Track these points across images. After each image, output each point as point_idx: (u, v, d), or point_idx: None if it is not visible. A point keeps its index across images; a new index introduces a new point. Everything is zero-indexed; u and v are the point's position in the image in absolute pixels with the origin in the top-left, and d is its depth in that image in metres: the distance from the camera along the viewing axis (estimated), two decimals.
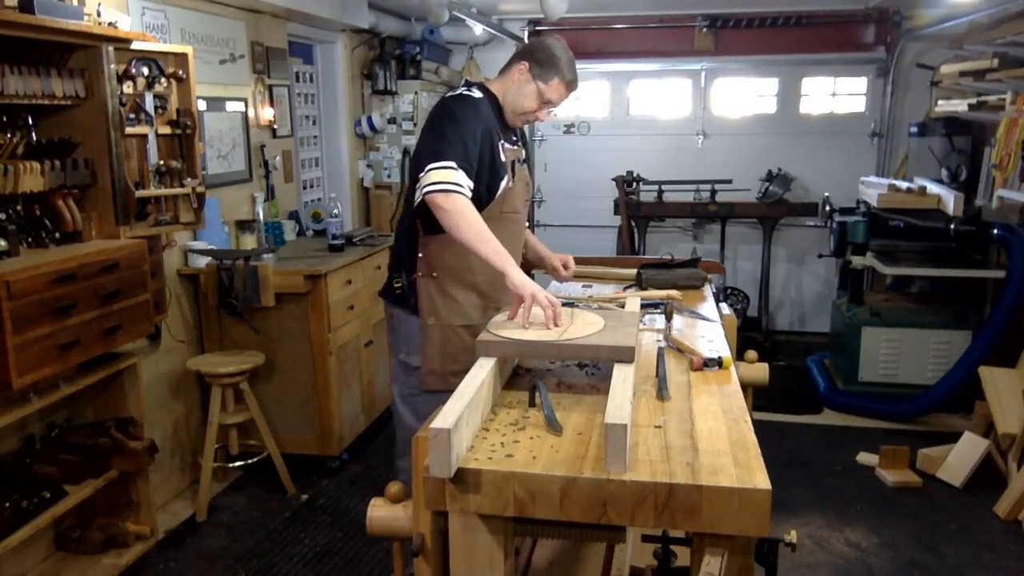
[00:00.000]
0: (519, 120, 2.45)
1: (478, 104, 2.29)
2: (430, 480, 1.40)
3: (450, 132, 2.18)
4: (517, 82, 2.36)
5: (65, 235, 2.77)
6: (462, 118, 2.22)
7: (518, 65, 2.37)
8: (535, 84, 2.35)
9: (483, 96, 2.34)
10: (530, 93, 2.36)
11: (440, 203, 2.09)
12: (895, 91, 5.85)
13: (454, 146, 2.15)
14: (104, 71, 2.77)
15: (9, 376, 2.29)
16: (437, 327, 2.35)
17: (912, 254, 4.64)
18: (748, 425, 1.57)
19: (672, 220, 6.27)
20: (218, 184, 3.86)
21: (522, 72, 2.36)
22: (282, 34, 4.51)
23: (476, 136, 2.21)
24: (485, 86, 2.41)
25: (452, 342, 2.35)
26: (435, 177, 2.10)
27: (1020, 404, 3.74)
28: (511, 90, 2.38)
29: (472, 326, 2.33)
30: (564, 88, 2.38)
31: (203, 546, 3.28)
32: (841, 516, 3.49)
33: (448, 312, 2.35)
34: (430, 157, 2.14)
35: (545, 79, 2.35)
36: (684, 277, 2.75)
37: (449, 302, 2.35)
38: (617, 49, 6.23)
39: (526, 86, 2.36)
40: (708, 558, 1.34)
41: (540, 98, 2.37)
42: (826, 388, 4.86)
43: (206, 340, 3.81)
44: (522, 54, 2.39)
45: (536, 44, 2.42)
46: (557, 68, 2.34)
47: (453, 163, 2.12)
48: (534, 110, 2.39)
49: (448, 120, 2.22)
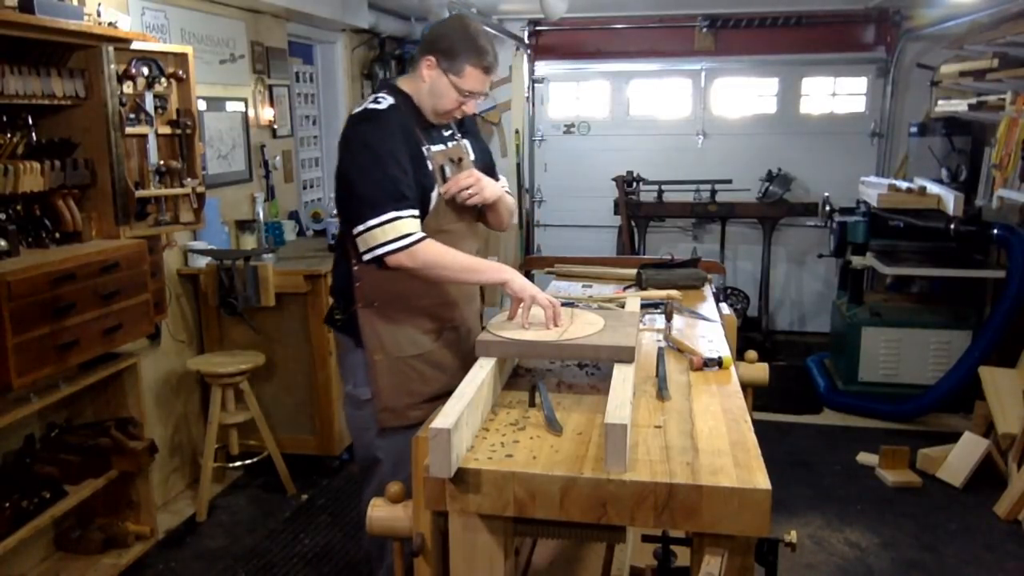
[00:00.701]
0: (444, 119, 2.15)
1: (389, 117, 2.01)
2: (430, 480, 1.40)
3: (373, 169, 1.95)
4: (427, 80, 2.06)
5: (65, 235, 2.77)
6: (377, 144, 1.97)
7: (423, 60, 2.06)
8: (447, 79, 2.04)
9: (394, 102, 2.05)
10: (444, 90, 2.06)
11: (407, 264, 1.94)
12: (895, 91, 5.85)
13: (383, 186, 1.94)
14: (104, 71, 2.77)
15: (9, 376, 2.29)
16: (385, 361, 2.11)
17: (912, 254, 4.64)
18: (748, 425, 1.57)
19: (672, 220, 6.26)
20: (218, 184, 3.86)
21: (429, 68, 2.06)
22: (282, 34, 4.51)
23: (398, 157, 1.98)
24: (397, 87, 2.12)
25: (405, 375, 2.12)
26: (382, 238, 1.92)
27: (1020, 404, 3.74)
28: (423, 90, 2.08)
29: (425, 354, 2.13)
30: (482, 73, 2.06)
31: (203, 546, 3.28)
32: (841, 516, 3.49)
33: (395, 344, 2.11)
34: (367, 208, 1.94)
35: (456, 71, 2.03)
36: (684, 277, 2.75)
37: (395, 332, 2.11)
38: (617, 49, 6.24)
39: (438, 83, 2.06)
40: (708, 558, 1.34)
41: (458, 92, 2.06)
42: (826, 388, 4.86)
43: (206, 340, 3.81)
44: (424, 47, 2.09)
45: (437, 32, 2.10)
46: (466, 54, 2.03)
47: (391, 212, 1.92)
48: (455, 107, 2.09)
49: (365, 152, 1.97)
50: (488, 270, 2.01)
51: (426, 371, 2.14)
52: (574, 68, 6.43)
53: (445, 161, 2.13)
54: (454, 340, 2.20)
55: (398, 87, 2.12)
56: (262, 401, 3.68)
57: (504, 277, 1.96)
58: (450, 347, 2.19)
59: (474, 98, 2.11)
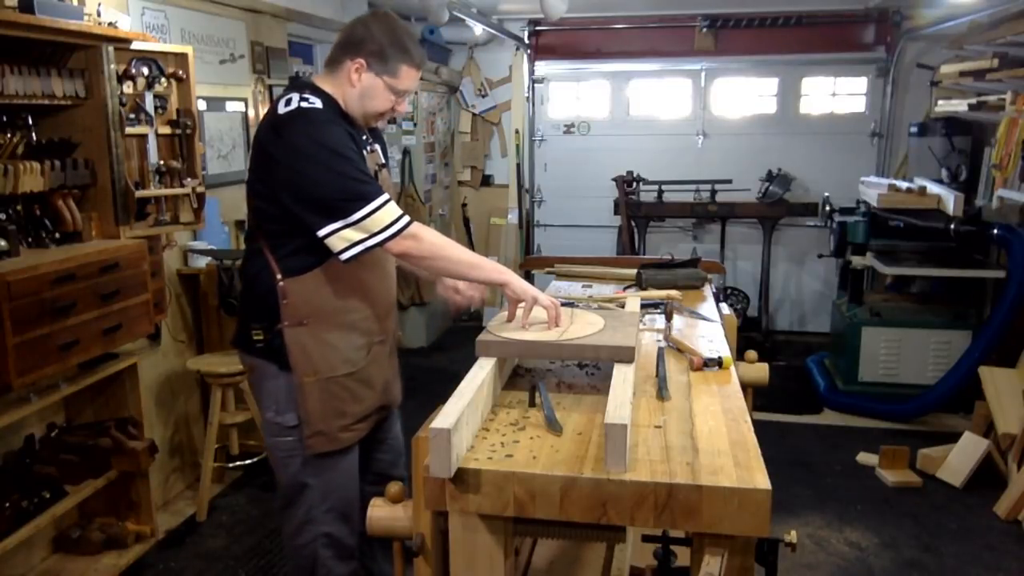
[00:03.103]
0: (373, 122, 2.06)
1: (329, 116, 1.91)
2: (430, 480, 1.39)
3: (340, 163, 1.84)
4: (358, 84, 1.95)
5: (65, 235, 2.77)
6: (333, 141, 1.86)
7: (351, 63, 1.94)
8: (381, 81, 1.95)
9: (324, 103, 1.93)
10: (379, 92, 1.96)
11: (413, 251, 1.87)
12: (895, 91, 5.86)
13: (360, 176, 1.84)
14: (104, 71, 2.77)
15: (9, 376, 2.29)
16: (316, 382, 1.98)
17: (912, 254, 4.64)
18: (748, 425, 1.57)
19: (672, 220, 6.27)
20: (218, 184, 3.86)
21: (359, 71, 1.95)
22: (282, 34, 4.51)
23: (351, 150, 1.88)
24: (319, 87, 1.98)
25: (336, 395, 2.01)
26: (382, 222, 1.83)
27: (1020, 404, 3.74)
28: (351, 94, 1.97)
29: (354, 372, 2.03)
30: (415, 71, 2.00)
31: (203, 546, 3.28)
32: (841, 516, 3.49)
33: (327, 363, 1.99)
34: (351, 202, 1.83)
35: (391, 71, 1.95)
36: (684, 277, 2.75)
37: (327, 351, 1.99)
38: (617, 49, 6.24)
39: (372, 86, 1.96)
40: (708, 558, 1.34)
41: (393, 93, 1.98)
42: (826, 388, 4.86)
43: (206, 340, 3.81)
44: (348, 49, 1.96)
45: (361, 35, 1.96)
46: (399, 54, 1.95)
47: (383, 196, 1.85)
48: (389, 108, 2.01)
49: (322, 150, 1.84)
50: (489, 269, 1.96)
51: (357, 389, 2.05)
52: (574, 68, 6.43)
53: (375, 167, 2.05)
54: (380, 354, 2.13)
55: (319, 87, 1.98)
56: None
57: (504, 279, 1.92)
58: (377, 361, 2.12)
59: (406, 96, 2.03)
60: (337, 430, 2.03)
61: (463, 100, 6.60)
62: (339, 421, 2.03)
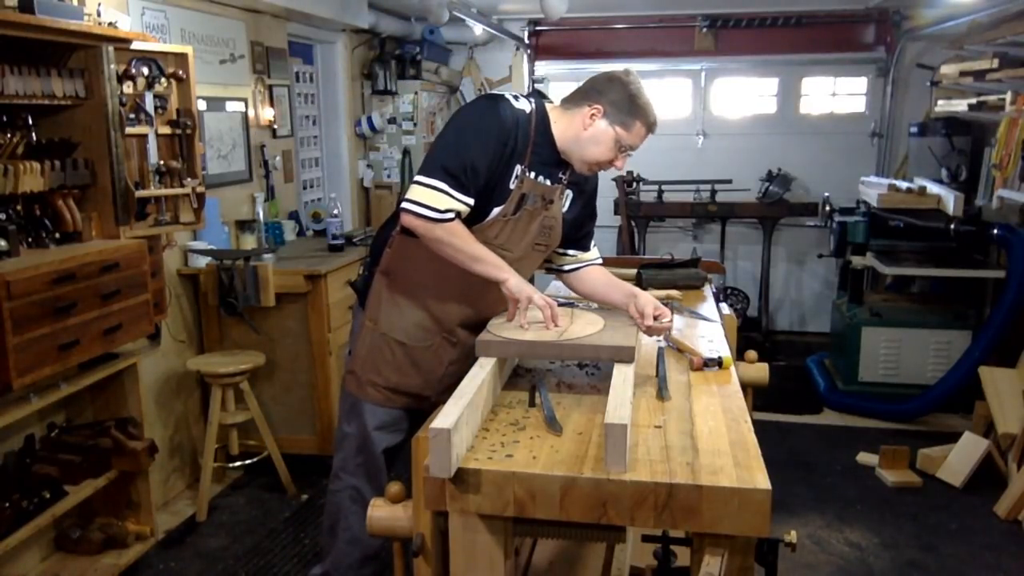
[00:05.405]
0: (588, 170, 2.09)
1: (511, 115, 1.98)
2: (430, 480, 1.40)
3: (459, 139, 1.94)
4: (590, 128, 2.00)
5: (65, 235, 2.77)
6: (478, 124, 1.95)
7: (589, 108, 2.00)
8: (613, 131, 1.99)
9: (530, 113, 2.02)
10: (607, 141, 2.00)
11: (420, 231, 1.93)
12: (895, 91, 5.85)
13: (452, 161, 1.91)
14: (104, 71, 2.77)
15: (9, 376, 2.29)
16: (371, 330, 2.15)
17: (912, 254, 4.64)
18: (748, 425, 1.57)
19: (672, 220, 6.27)
20: (218, 184, 3.86)
21: (595, 116, 1.99)
22: (282, 34, 4.51)
23: (488, 150, 1.94)
24: (544, 106, 2.06)
25: (381, 351, 2.14)
26: (417, 196, 1.91)
27: (1020, 404, 3.74)
28: (582, 136, 2.01)
29: (406, 345, 2.13)
30: (647, 131, 2.05)
31: (203, 546, 3.28)
32: (841, 516, 3.49)
33: (387, 320, 2.14)
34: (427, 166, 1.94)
35: (627, 125, 1.99)
36: (684, 277, 2.75)
37: (392, 311, 2.13)
38: (617, 49, 6.24)
39: (603, 133, 1.99)
40: (708, 558, 1.34)
41: (618, 145, 2.02)
42: (826, 388, 4.86)
43: (206, 340, 3.81)
44: (590, 95, 2.02)
45: (609, 83, 2.02)
46: (638, 110, 2.00)
47: (444, 184, 1.90)
48: (610, 160, 2.04)
49: (465, 126, 1.97)
50: (491, 265, 1.95)
51: (402, 361, 2.15)
52: (574, 68, 6.42)
53: (533, 193, 2.05)
54: (444, 351, 2.17)
55: (545, 109, 2.06)
56: (262, 401, 3.68)
57: (503, 276, 1.92)
58: (437, 355, 2.16)
59: (628, 153, 2.07)
60: (367, 382, 2.16)
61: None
62: (371, 375, 2.15)
